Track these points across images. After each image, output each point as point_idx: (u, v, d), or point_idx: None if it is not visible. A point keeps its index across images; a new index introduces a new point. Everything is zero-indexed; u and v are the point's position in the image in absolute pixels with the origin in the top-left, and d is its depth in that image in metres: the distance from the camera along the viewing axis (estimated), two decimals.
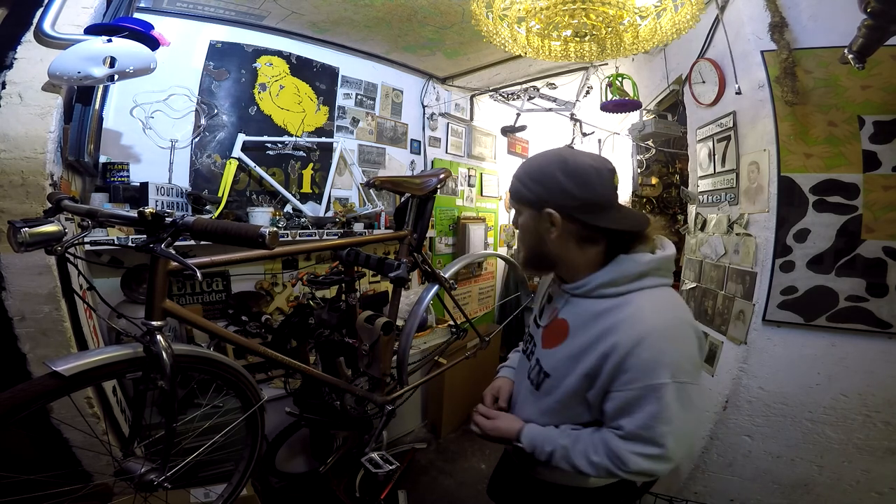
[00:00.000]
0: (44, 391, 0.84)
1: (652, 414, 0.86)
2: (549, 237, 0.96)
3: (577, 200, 0.92)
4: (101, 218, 0.97)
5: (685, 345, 0.90)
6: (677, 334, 0.90)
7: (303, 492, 2.31)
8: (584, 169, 0.93)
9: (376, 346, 1.54)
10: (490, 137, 4.21)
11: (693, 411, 0.89)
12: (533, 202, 0.97)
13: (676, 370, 0.86)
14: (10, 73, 1.42)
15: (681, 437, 0.88)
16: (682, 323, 0.92)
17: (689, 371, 0.88)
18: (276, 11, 2.36)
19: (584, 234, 0.95)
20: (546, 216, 0.94)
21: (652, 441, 0.88)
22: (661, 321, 0.89)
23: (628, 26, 1.53)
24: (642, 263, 0.93)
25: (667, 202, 4.46)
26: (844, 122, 1.60)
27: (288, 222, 2.51)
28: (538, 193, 0.95)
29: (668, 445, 0.87)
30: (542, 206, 0.94)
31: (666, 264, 0.96)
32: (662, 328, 0.88)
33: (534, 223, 0.98)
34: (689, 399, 0.87)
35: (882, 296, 1.57)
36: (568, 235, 0.95)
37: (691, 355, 0.90)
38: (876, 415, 1.61)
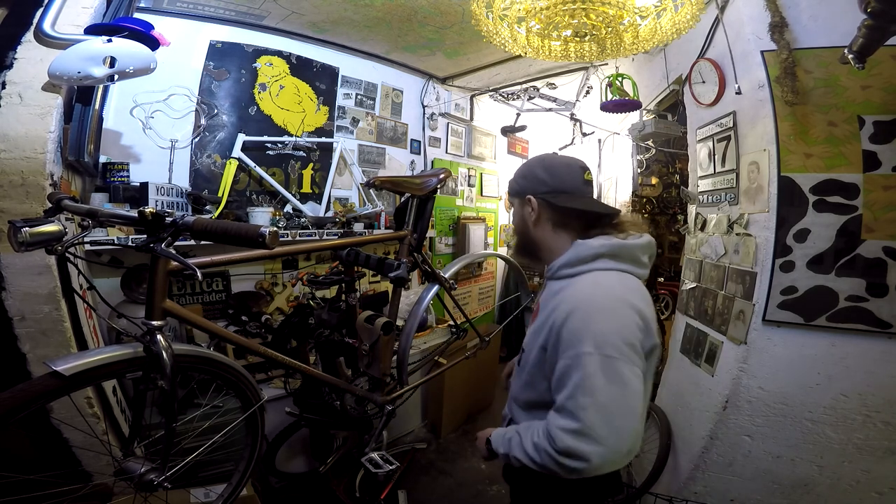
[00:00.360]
0: (44, 391, 0.84)
1: (575, 383, 0.88)
2: (530, 221, 1.12)
3: (547, 186, 1.09)
4: (101, 218, 0.97)
5: (616, 320, 0.91)
6: (610, 308, 0.93)
7: (303, 492, 2.31)
8: (557, 164, 1.12)
9: (376, 346, 1.54)
10: (490, 137, 4.22)
11: (623, 389, 0.87)
12: (519, 192, 1.15)
13: (601, 342, 0.88)
14: (10, 73, 1.42)
15: (605, 414, 0.85)
16: (619, 301, 0.94)
17: (618, 346, 0.88)
18: (276, 11, 2.36)
19: (556, 219, 1.09)
20: (527, 201, 1.11)
21: (572, 413, 0.87)
22: (595, 295, 0.95)
23: (628, 26, 1.53)
24: (594, 247, 1.01)
25: (667, 202, 4.46)
26: (844, 122, 1.60)
27: (288, 222, 2.51)
28: (522, 185, 1.14)
29: (587, 420, 0.85)
30: (524, 194, 1.12)
31: (623, 251, 1.01)
32: (594, 301, 0.94)
33: (520, 209, 1.16)
34: (617, 375, 0.86)
35: (882, 296, 1.57)
36: (545, 220, 1.10)
37: (622, 333, 0.90)
38: (876, 415, 1.61)
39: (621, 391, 0.87)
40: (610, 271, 1.00)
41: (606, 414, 0.86)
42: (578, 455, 0.86)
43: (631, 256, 1.02)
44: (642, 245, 1.05)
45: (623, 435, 0.86)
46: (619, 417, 0.86)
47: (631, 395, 0.87)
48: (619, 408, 0.86)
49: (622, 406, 0.86)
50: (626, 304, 0.94)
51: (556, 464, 0.89)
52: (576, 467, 0.87)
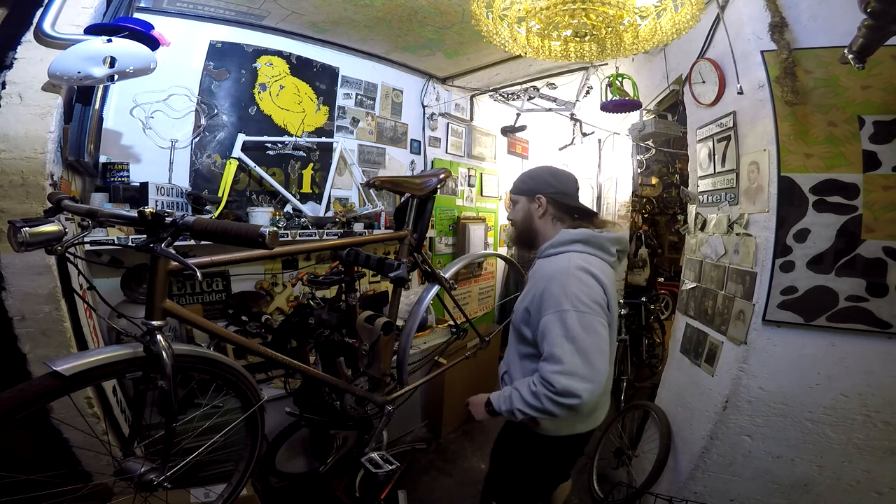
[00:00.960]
0: (44, 391, 0.84)
1: (559, 333, 1.14)
2: (536, 215, 1.43)
3: (555, 189, 1.42)
4: (101, 218, 0.97)
5: (585, 286, 1.20)
6: (580, 277, 1.22)
7: (303, 492, 2.31)
8: (560, 173, 1.48)
9: (376, 346, 1.54)
10: (490, 137, 4.22)
11: (596, 336, 1.14)
12: (528, 191, 1.45)
13: (575, 301, 1.16)
14: (10, 73, 1.42)
15: (585, 356, 1.11)
16: (586, 272, 1.23)
17: (589, 304, 1.17)
18: (276, 11, 2.36)
19: (557, 214, 1.42)
20: (536, 199, 1.42)
21: (559, 359, 1.11)
22: (569, 266, 1.24)
23: (628, 26, 1.53)
24: (572, 234, 1.33)
25: (667, 202, 4.46)
26: (844, 122, 1.60)
27: (288, 222, 2.51)
28: (532, 186, 1.45)
29: (572, 362, 1.10)
30: (534, 193, 1.43)
31: (593, 239, 1.32)
32: (569, 272, 1.22)
33: (528, 205, 1.45)
34: (590, 325, 1.14)
35: (882, 296, 1.57)
36: (548, 215, 1.42)
37: (591, 294, 1.19)
38: (876, 415, 1.61)
39: (595, 338, 1.13)
40: (582, 253, 1.29)
41: (586, 356, 1.11)
42: (572, 391, 1.09)
43: (599, 244, 1.32)
44: (611, 238, 1.35)
45: (600, 371, 1.12)
46: (596, 359, 1.12)
47: (602, 341, 1.15)
48: (595, 351, 1.12)
49: (597, 349, 1.12)
50: (591, 275, 1.23)
51: (553, 403, 1.12)
52: (570, 403, 1.10)
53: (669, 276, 4.63)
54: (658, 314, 4.18)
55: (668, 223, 4.62)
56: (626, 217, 3.95)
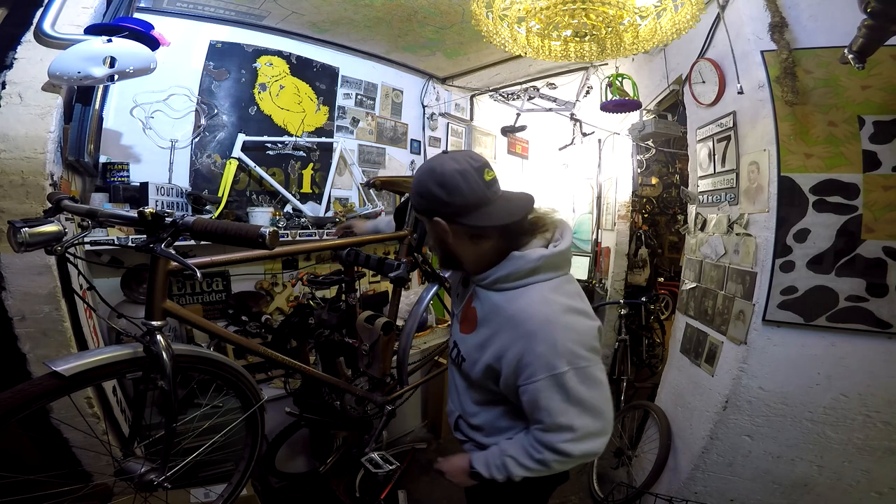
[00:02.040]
0: (44, 391, 0.84)
1: (560, 400, 0.94)
2: (447, 239, 1.02)
3: (450, 207, 0.97)
4: (101, 218, 0.97)
5: (576, 332, 0.96)
6: (567, 322, 0.95)
7: (303, 492, 2.30)
8: (450, 175, 0.96)
9: (376, 346, 1.54)
10: (490, 137, 4.21)
11: (599, 388, 0.97)
12: (424, 212, 1.04)
13: (572, 356, 0.93)
14: (10, 73, 1.42)
15: (594, 414, 0.96)
16: (570, 311, 0.97)
17: (586, 356, 0.95)
18: (276, 11, 2.36)
19: (472, 233, 1.00)
20: (436, 223, 1.01)
21: (570, 427, 0.95)
22: (550, 313, 0.95)
23: (628, 26, 1.53)
24: (532, 261, 0.98)
25: (667, 202, 4.46)
26: (844, 122, 1.60)
27: (288, 222, 2.51)
28: (423, 205, 1.02)
29: (584, 427, 0.95)
30: (431, 216, 1.01)
31: (557, 259, 1.01)
32: (552, 320, 0.95)
33: (432, 229, 1.04)
34: (591, 378, 0.95)
35: (882, 296, 1.57)
36: (461, 235, 1.01)
37: (584, 340, 0.96)
38: (876, 415, 1.61)
39: (600, 390, 0.97)
40: (552, 281, 1.00)
41: (596, 412, 0.96)
42: (591, 452, 0.98)
43: (561, 263, 1.03)
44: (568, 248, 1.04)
45: (609, 418, 0.99)
46: (604, 409, 0.98)
47: (605, 389, 0.99)
48: (603, 403, 0.98)
49: (604, 400, 0.98)
50: (576, 312, 0.98)
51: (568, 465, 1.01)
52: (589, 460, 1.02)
53: (669, 276, 4.63)
54: (658, 314, 4.18)
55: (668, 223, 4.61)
56: (626, 217, 3.95)
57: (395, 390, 1.72)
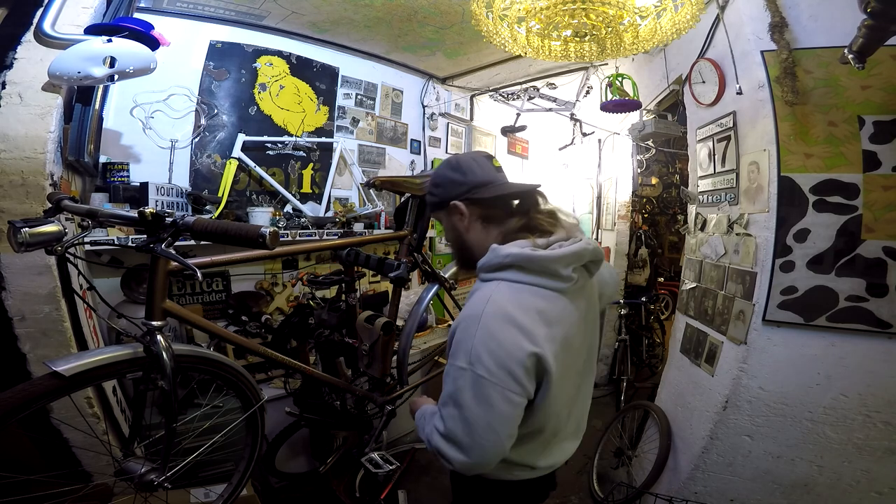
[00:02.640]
0: (44, 391, 0.84)
1: (448, 391, 0.91)
2: (462, 227, 1.06)
3: (465, 185, 1.03)
4: (101, 218, 0.97)
5: (495, 341, 0.86)
6: (493, 328, 0.87)
7: (303, 492, 2.30)
8: (465, 160, 1.07)
9: (376, 346, 1.54)
10: (490, 137, 4.21)
11: (487, 411, 0.86)
12: (441, 203, 1.07)
13: (474, 359, 0.86)
14: (10, 73, 1.42)
15: (468, 428, 0.87)
16: (507, 321, 0.87)
17: (491, 369, 0.85)
18: (276, 11, 2.36)
19: (484, 214, 1.04)
20: (453, 208, 1.05)
21: (442, 418, 0.92)
22: (485, 310, 0.89)
23: (628, 26, 1.53)
24: (500, 256, 0.95)
25: (667, 202, 4.46)
26: (844, 122, 1.60)
27: (288, 222, 2.51)
28: (441, 195, 1.07)
29: (452, 428, 0.89)
30: (447, 202, 1.05)
31: (533, 263, 0.91)
32: (481, 317, 0.88)
33: (449, 220, 1.09)
34: (484, 396, 0.86)
35: (882, 296, 1.57)
36: (475, 220, 1.04)
37: (498, 355, 0.86)
38: (876, 415, 1.61)
39: (485, 412, 0.86)
40: (512, 284, 0.92)
41: (469, 428, 0.87)
42: (446, 457, 0.91)
43: (544, 269, 0.92)
44: (561, 256, 0.92)
45: (486, 451, 0.88)
46: (482, 436, 0.87)
47: (495, 418, 0.87)
48: (482, 426, 0.87)
49: (485, 425, 0.87)
50: (513, 325, 0.87)
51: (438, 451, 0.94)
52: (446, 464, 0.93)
53: (669, 276, 4.63)
54: (658, 314, 4.19)
55: (668, 223, 4.62)
56: (626, 217, 3.95)
57: (395, 390, 1.72)
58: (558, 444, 1.09)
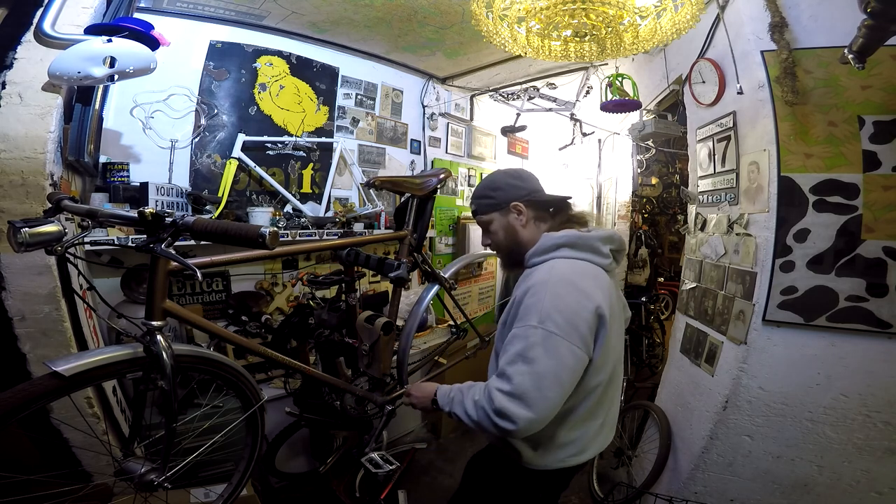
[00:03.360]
0: (44, 391, 0.84)
1: (517, 350, 1.00)
2: (518, 225, 1.24)
3: (525, 190, 1.25)
4: (101, 218, 0.97)
5: (562, 301, 1.01)
6: (559, 291, 1.03)
7: (303, 492, 2.30)
8: (522, 171, 1.31)
9: (376, 346, 1.54)
10: (490, 137, 4.21)
11: (558, 363, 0.97)
12: (499, 204, 1.25)
13: (545, 318, 0.99)
14: (10, 73, 1.41)
15: (539, 382, 0.96)
16: (568, 284, 1.04)
17: (560, 324, 0.98)
18: (276, 11, 2.36)
19: (537, 215, 1.24)
20: (513, 208, 1.23)
21: (510, 378, 0.98)
22: (550, 277, 1.05)
23: (628, 26, 1.53)
24: (556, 237, 1.14)
25: (667, 202, 4.46)
26: (844, 122, 1.60)
27: (288, 222, 2.51)
28: (500, 197, 1.25)
29: (523, 384, 0.96)
30: (507, 204, 1.24)
31: (581, 241, 1.13)
32: (546, 284, 1.04)
33: (505, 220, 1.26)
34: (554, 349, 0.97)
35: (882, 296, 1.57)
36: (530, 219, 1.24)
37: (566, 313, 1.00)
38: (876, 415, 1.61)
39: (556, 364, 0.97)
40: (568, 259, 1.11)
41: (540, 382, 0.96)
42: (510, 416, 0.96)
43: (589, 246, 1.13)
44: (602, 236, 1.15)
45: (549, 404, 0.97)
46: (550, 388, 0.96)
47: (563, 370, 0.98)
48: (551, 379, 0.96)
49: (554, 378, 0.96)
50: (575, 288, 1.04)
51: (490, 421, 0.99)
52: (505, 427, 0.97)
53: (669, 276, 4.63)
54: (658, 314, 4.19)
55: (668, 223, 4.62)
56: (626, 217, 3.95)
57: (395, 390, 1.72)
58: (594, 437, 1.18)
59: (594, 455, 1.21)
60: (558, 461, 1.15)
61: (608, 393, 1.16)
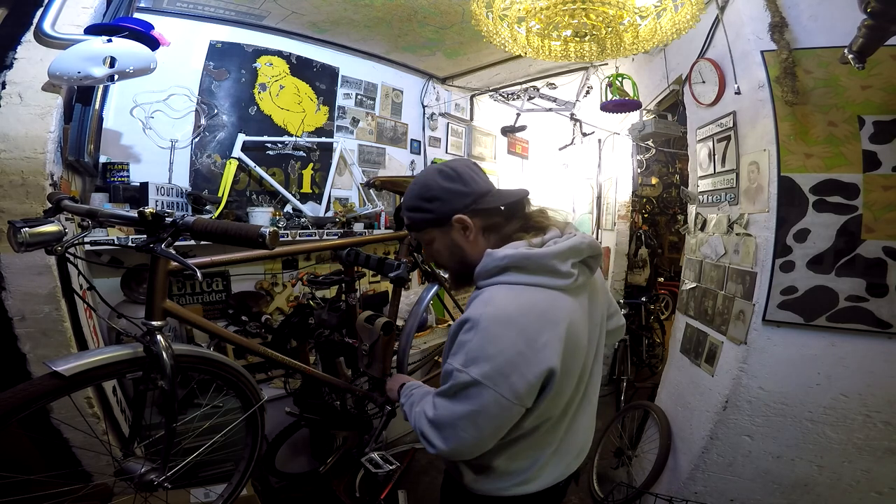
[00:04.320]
0: (44, 391, 0.84)
1: (444, 386, 0.92)
2: (466, 242, 0.99)
3: (469, 197, 0.96)
4: (101, 218, 0.97)
5: (494, 346, 0.84)
6: (493, 332, 0.85)
7: (303, 492, 2.30)
8: (460, 169, 0.99)
9: (376, 346, 1.54)
10: (490, 137, 4.21)
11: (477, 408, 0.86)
12: (438, 219, 0.99)
13: (469, 362, 0.85)
14: (10, 73, 1.42)
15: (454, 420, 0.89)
16: (507, 325, 0.85)
17: (486, 373, 0.84)
18: (276, 11, 2.36)
19: (487, 224, 0.98)
20: (457, 222, 0.97)
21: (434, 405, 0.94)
22: (483, 313, 0.87)
23: (628, 26, 1.53)
24: (496, 259, 0.91)
25: (667, 202, 4.46)
26: (844, 122, 1.60)
27: (288, 222, 2.51)
28: (438, 210, 0.98)
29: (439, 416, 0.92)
30: (448, 218, 0.97)
31: (530, 262, 0.89)
32: (480, 320, 0.86)
33: (447, 238, 1.00)
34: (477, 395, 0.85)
35: (882, 296, 1.57)
36: (478, 232, 0.98)
37: (497, 360, 0.84)
38: (876, 415, 1.61)
39: (474, 411, 0.87)
40: (512, 286, 0.90)
41: (455, 421, 0.89)
42: (428, 440, 0.93)
43: (540, 267, 0.89)
44: (558, 252, 0.90)
45: (464, 444, 0.90)
46: (465, 429, 0.89)
47: (481, 416, 0.87)
48: (467, 421, 0.88)
49: (470, 422, 0.88)
50: (514, 329, 0.84)
51: (421, 434, 0.96)
52: (428, 450, 0.94)
53: (669, 276, 4.63)
54: (658, 314, 4.19)
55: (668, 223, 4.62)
56: (626, 217, 3.95)
57: None
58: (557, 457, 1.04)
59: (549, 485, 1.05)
60: (499, 489, 1.02)
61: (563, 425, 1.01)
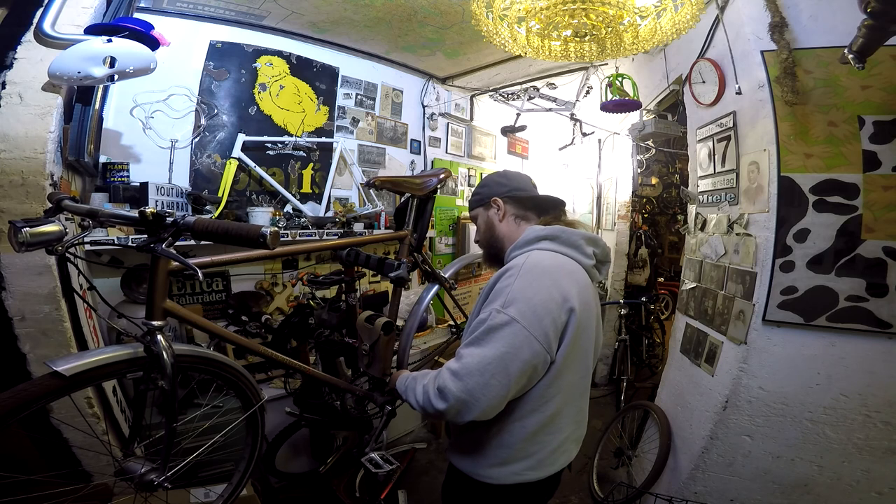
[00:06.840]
0: (44, 391, 0.84)
1: (476, 333, 0.97)
2: (496, 220, 1.25)
3: (507, 187, 1.26)
4: (101, 218, 0.97)
5: (531, 289, 0.97)
6: (530, 278, 0.99)
7: (303, 492, 2.30)
8: (511, 172, 1.34)
9: (376, 346, 1.54)
10: (490, 137, 4.22)
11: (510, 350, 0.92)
12: (482, 200, 1.29)
13: (509, 303, 0.95)
14: (10, 73, 1.42)
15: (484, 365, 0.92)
16: (543, 275, 1.00)
17: (524, 312, 0.94)
18: (276, 11, 2.36)
19: (518, 212, 1.24)
20: (493, 203, 1.25)
21: (461, 356, 0.96)
22: (524, 263, 1.02)
23: (628, 26, 1.53)
24: (538, 230, 1.13)
25: (667, 202, 4.46)
26: (844, 122, 1.60)
27: (288, 222, 2.51)
28: (484, 192, 1.29)
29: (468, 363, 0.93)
30: (489, 198, 1.26)
31: (563, 234, 1.11)
32: (521, 268, 1.01)
33: (486, 214, 1.28)
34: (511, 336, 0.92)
35: (882, 296, 1.57)
36: (509, 216, 1.24)
37: (533, 302, 0.95)
38: (876, 415, 1.61)
39: (507, 352, 0.92)
40: (546, 252, 1.08)
41: (485, 365, 0.92)
42: (446, 392, 0.93)
43: (571, 242, 1.10)
44: (586, 236, 1.13)
45: (490, 391, 0.91)
46: (494, 374, 0.92)
47: (514, 360, 0.92)
48: (497, 365, 0.92)
49: (501, 365, 0.92)
50: (548, 278, 1.00)
51: (429, 402, 0.97)
52: (438, 407, 0.95)
53: (669, 276, 4.64)
54: (658, 314, 4.19)
55: (668, 223, 4.62)
56: (626, 217, 3.95)
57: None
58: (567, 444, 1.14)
59: (556, 470, 1.11)
60: (514, 473, 1.06)
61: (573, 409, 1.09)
